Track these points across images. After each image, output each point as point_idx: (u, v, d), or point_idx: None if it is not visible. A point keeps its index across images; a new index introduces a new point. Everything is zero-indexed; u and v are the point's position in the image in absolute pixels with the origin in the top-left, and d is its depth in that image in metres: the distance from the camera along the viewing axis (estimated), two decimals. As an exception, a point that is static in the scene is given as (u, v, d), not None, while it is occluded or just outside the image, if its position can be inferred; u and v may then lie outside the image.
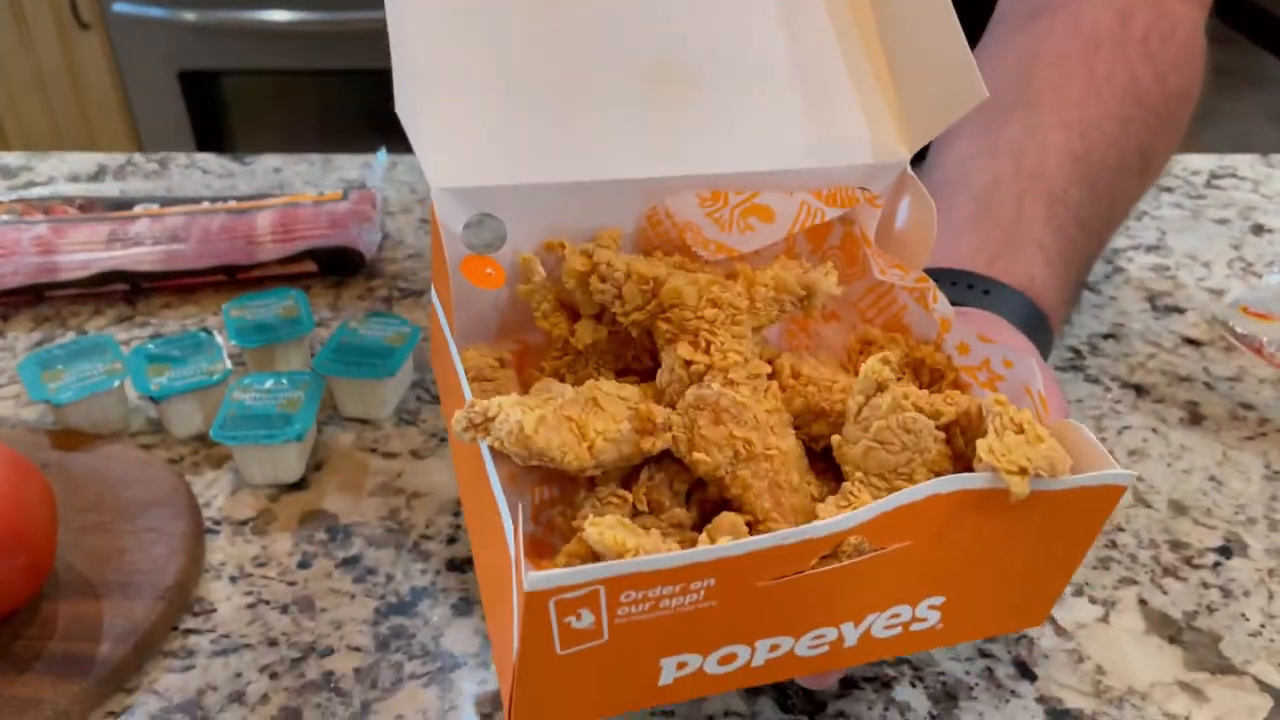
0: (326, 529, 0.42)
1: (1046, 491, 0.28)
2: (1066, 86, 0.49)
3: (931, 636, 0.31)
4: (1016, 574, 0.31)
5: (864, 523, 0.27)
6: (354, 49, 1.85)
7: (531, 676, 0.27)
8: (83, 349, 0.48)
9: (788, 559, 0.26)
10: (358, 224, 0.59)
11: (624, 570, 0.25)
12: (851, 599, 0.29)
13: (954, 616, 0.31)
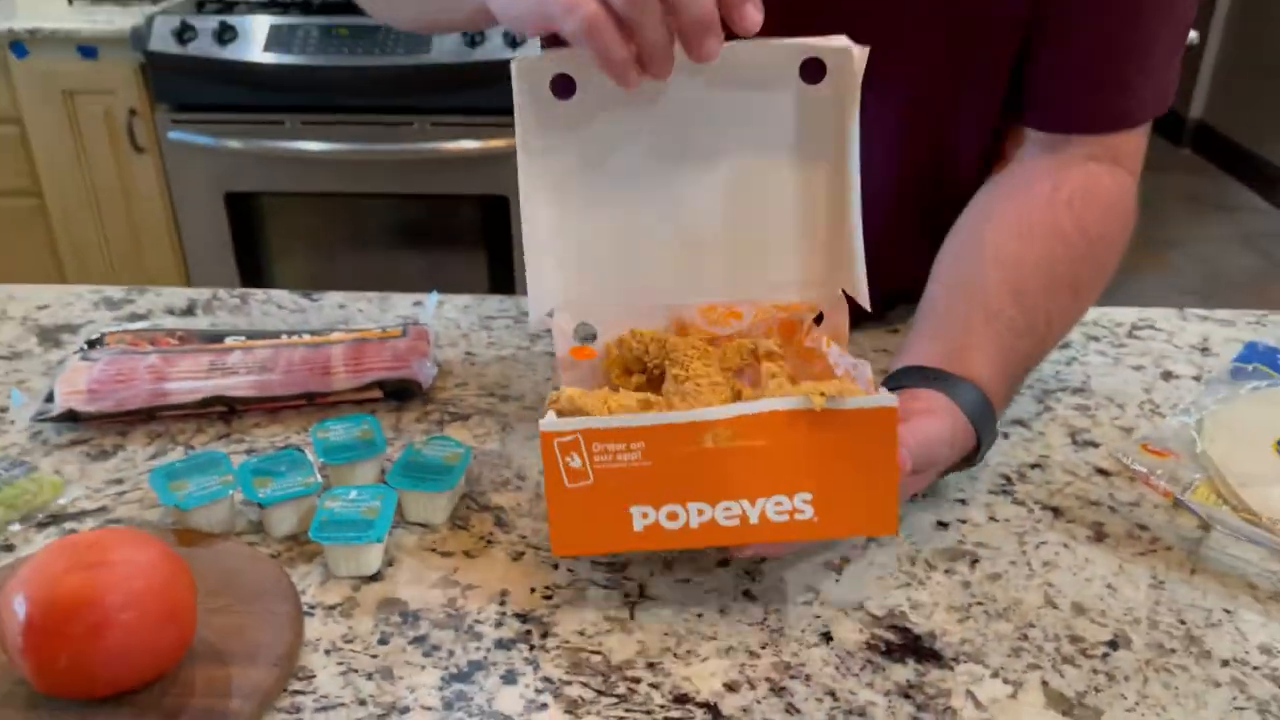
0: (400, 613, 0.52)
1: (839, 410, 0.48)
2: (1005, 235, 0.66)
3: (811, 527, 0.49)
4: (849, 480, 0.49)
5: (728, 418, 0.48)
6: (380, 176, 2.02)
7: (555, 506, 0.49)
8: (200, 463, 0.60)
9: (683, 433, 0.48)
10: (417, 359, 0.71)
11: (590, 425, 0.48)
12: (741, 478, 0.49)
13: (822, 512, 0.49)
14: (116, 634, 0.44)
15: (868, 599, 0.54)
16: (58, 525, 0.59)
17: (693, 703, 0.47)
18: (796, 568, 0.56)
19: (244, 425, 0.68)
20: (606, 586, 0.54)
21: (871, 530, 0.53)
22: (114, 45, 1.96)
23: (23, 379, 0.74)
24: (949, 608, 0.53)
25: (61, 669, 0.44)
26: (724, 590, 0.54)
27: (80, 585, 0.44)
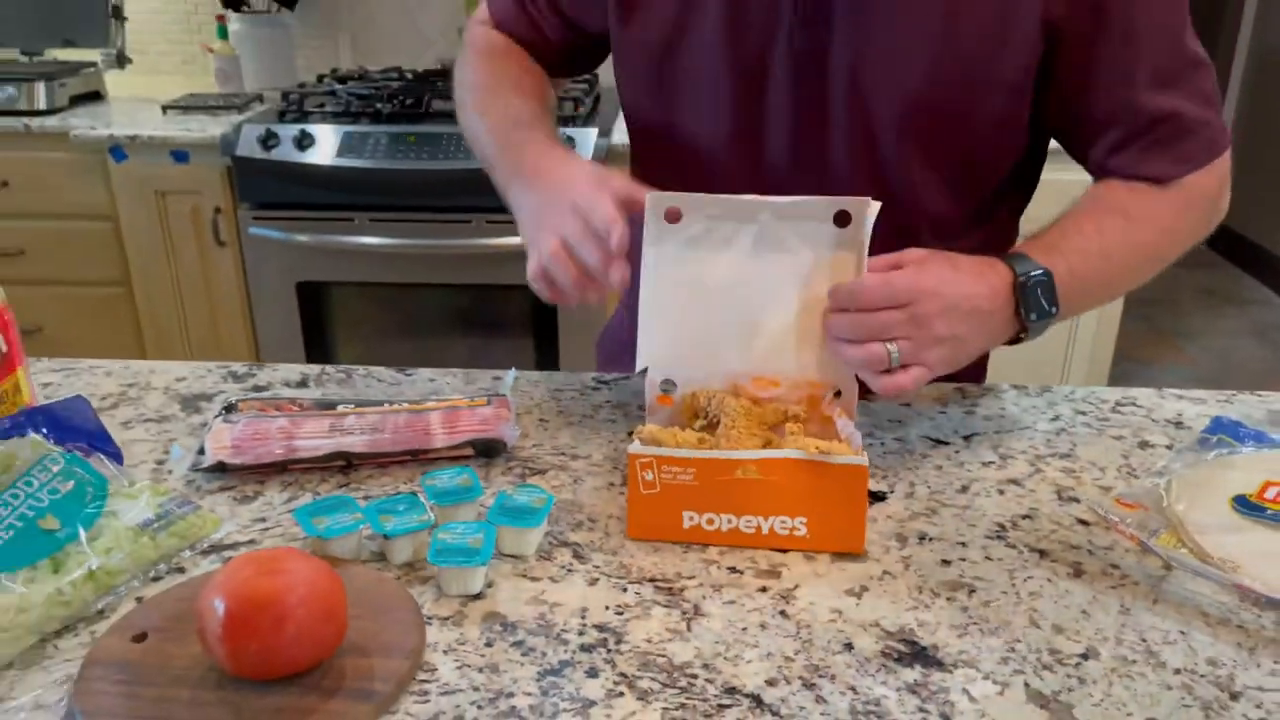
0: (500, 624, 0.65)
1: (828, 463, 0.69)
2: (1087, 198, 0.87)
3: (806, 541, 0.71)
4: (832, 511, 0.70)
5: (755, 459, 0.71)
6: (439, 267, 2.19)
7: (632, 504, 0.72)
8: (333, 504, 0.73)
9: (723, 466, 0.71)
10: (502, 423, 0.85)
11: (661, 453, 0.72)
12: (759, 502, 0.71)
13: (813, 531, 0.71)
14: (293, 626, 0.57)
15: (883, 618, 0.65)
16: (218, 553, 0.72)
17: (740, 693, 0.59)
18: (824, 594, 0.68)
19: (359, 476, 0.82)
20: (667, 606, 0.66)
21: (845, 548, 0.72)
22: (204, 150, 2.17)
23: (172, 438, 0.88)
24: (950, 626, 0.65)
25: (251, 654, 0.57)
26: (764, 610, 0.66)
27: (267, 587, 0.57)
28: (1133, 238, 0.85)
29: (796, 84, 0.87)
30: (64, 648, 0.62)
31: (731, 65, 0.88)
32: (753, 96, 0.88)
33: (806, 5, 0.84)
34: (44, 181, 2.26)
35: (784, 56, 0.86)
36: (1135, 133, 0.85)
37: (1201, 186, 0.87)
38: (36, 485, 0.67)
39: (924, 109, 0.84)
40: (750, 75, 0.88)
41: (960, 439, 0.88)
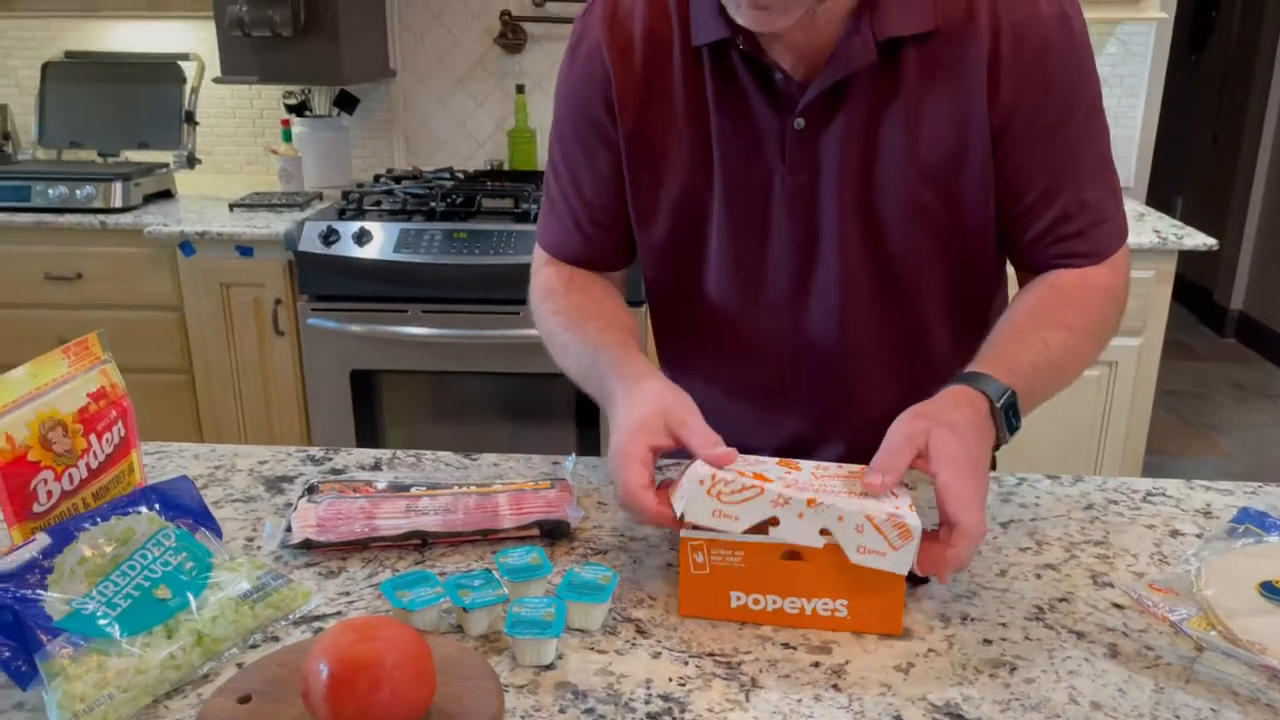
0: (571, 692, 0.70)
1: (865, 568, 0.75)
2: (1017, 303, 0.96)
3: (846, 622, 0.77)
4: (873, 595, 0.76)
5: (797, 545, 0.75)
6: (487, 356, 2.27)
7: (684, 583, 0.78)
8: (414, 579, 0.79)
9: (770, 550, 0.76)
10: (566, 505, 0.91)
11: (711, 537, 0.77)
12: (803, 585, 0.76)
13: (853, 614, 0.76)
14: (388, 687, 0.62)
15: (929, 693, 0.70)
16: (308, 624, 0.78)
17: (797, 760, 0.64)
18: (873, 669, 0.72)
19: (434, 554, 0.88)
20: (726, 679, 0.71)
21: (884, 629, 0.77)
22: (267, 245, 2.30)
23: (259, 516, 0.94)
24: (993, 701, 0.69)
25: (350, 713, 0.62)
26: (817, 684, 0.71)
27: (366, 651, 0.63)
28: (1074, 348, 0.93)
29: (792, 217, 0.97)
30: (174, 708, 0.68)
31: (734, 221, 0.99)
32: (753, 239, 0.99)
33: (794, 153, 0.94)
34: (117, 274, 2.39)
35: (780, 197, 0.96)
36: (1059, 220, 0.95)
37: (1113, 285, 0.97)
38: (151, 558, 0.74)
39: (913, 214, 0.95)
40: (751, 227, 0.99)
41: (998, 525, 0.92)
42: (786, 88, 0.92)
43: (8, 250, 2.42)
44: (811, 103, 0.91)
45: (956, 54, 0.89)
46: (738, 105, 0.94)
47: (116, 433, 0.80)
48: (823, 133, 0.93)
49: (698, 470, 0.78)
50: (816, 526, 0.75)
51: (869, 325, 1.00)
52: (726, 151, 0.96)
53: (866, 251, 0.97)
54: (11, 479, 0.71)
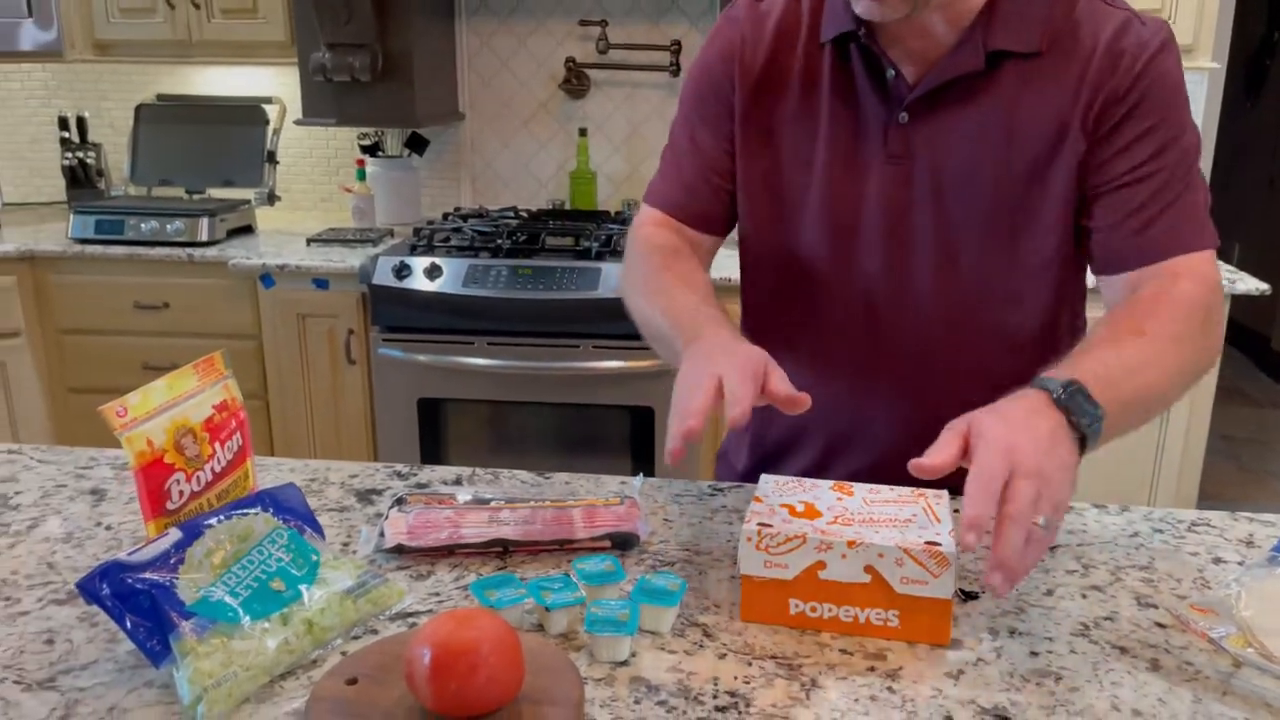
0: (645, 686, 0.76)
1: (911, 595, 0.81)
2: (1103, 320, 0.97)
3: (899, 631, 0.82)
4: (922, 613, 0.81)
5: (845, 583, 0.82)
6: (549, 387, 2.35)
7: (746, 592, 0.84)
8: (500, 581, 0.86)
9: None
10: (635, 520, 0.97)
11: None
12: (855, 595, 0.82)
13: (905, 625, 0.81)
14: (485, 672, 0.69)
15: (978, 697, 0.75)
16: (403, 619, 0.85)
17: (855, 751, 0.69)
18: (925, 675, 0.77)
19: (514, 561, 0.95)
20: (787, 679, 0.77)
21: (933, 640, 0.82)
22: (342, 278, 2.41)
23: (352, 524, 1.02)
24: (1039, 706, 0.74)
25: (450, 694, 0.69)
26: (873, 686, 0.76)
27: (466, 638, 0.70)
28: (1152, 353, 0.91)
29: (887, 203, 1.06)
30: (288, 688, 0.76)
31: (832, 190, 1.07)
32: (849, 214, 1.07)
33: (895, 143, 1.04)
34: (201, 304, 2.53)
35: (876, 185, 1.05)
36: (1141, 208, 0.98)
37: (1194, 295, 0.95)
38: (267, 554, 0.82)
39: (992, 217, 1.02)
40: (847, 199, 1.07)
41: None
42: (897, 86, 1.03)
43: (102, 280, 2.57)
44: (918, 100, 1.02)
45: (1058, 69, 0.99)
46: (849, 95, 1.05)
47: (235, 441, 0.89)
48: (924, 127, 1.02)
49: (745, 528, 0.84)
50: (860, 565, 0.82)
51: (945, 320, 1.07)
52: (832, 135, 1.06)
53: (948, 249, 1.05)
54: (150, 479, 0.80)
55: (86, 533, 1.00)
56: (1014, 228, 1.03)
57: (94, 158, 2.96)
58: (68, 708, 0.73)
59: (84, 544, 0.97)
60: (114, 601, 0.74)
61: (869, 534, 0.82)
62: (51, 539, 0.98)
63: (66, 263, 2.58)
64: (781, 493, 0.91)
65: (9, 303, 2.57)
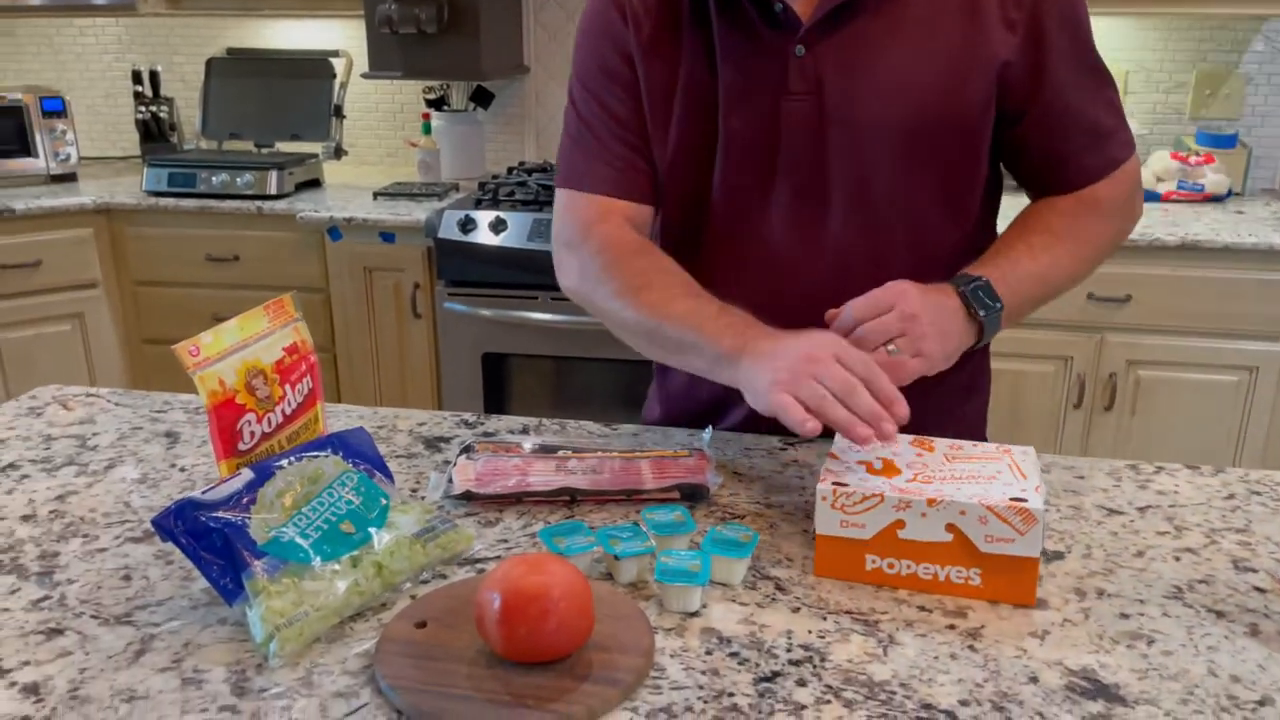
0: (716, 637, 0.74)
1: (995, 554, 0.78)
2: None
3: (980, 590, 0.79)
4: (1005, 572, 0.78)
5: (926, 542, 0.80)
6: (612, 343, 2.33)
7: (820, 547, 0.82)
8: (569, 528, 0.85)
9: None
10: (706, 472, 0.95)
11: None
12: (935, 552, 0.79)
13: (987, 583, 0.78)
14: (555, 617, 0.68)
15: (1065, 658, 0.72)
16: (471, 565, 0.84)
17: (935, 709, 0.67)
18: (1008, 634, 0.74)
19: (582, 510, 0.93)
20: (864, 634, 0.75)
21: (1017, 600, 0.79)
22: (408, 232, 2.42)
23: (420, 471, 1.02)
24: (1130, 670, 0.70)
25: (520, 638, 0.68)
26: (952, 644, 0.74)
27: (536, 583, 0.69)
28: (1058, 247, 1.03)
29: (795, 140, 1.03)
30: (358, 629, 0.75)
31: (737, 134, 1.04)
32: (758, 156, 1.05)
33: (804, 78, 1.01)
34: (270, 257, 2.56)
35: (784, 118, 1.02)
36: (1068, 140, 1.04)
37: (1111, 198, 1.06)
38: (337, 496, 0.81)
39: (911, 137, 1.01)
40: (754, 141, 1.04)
41: (1134, 510, 0.93)
42: (787, 18, 0.99)
43: (175, 233, 2.61)
44: (811, 29, 0.99)
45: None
46: (741, 41, 1.02)
47: (306, 384, 0.89)
48: (824, 56, 1.00)
49: (820, 488, 0.81)
50: (941, 523, 0.78)
51: (864, 250, 1.05)
52: (731, 77, 1.02)
53: (863, 177, 1.03)
54: (223, 418, 0.80)
55: (161, 474, 1.01)
56: (928, 157, 1.02)
57: (166, 112, 3.00)
58: (143, 642, 0.73)
59: (159, 485, 0.98)
60: (188, 539, 0.74)
61: (950, 491, 0.79)
62: (128, 479, 1.00)
63: (141, 215, 2.62)
64: (858, 449, 0.88)
65: (87, 254, 2.63)
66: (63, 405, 1.18)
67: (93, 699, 0.67)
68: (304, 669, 0.71)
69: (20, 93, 2.74)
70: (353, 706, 0.67)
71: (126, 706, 0.67)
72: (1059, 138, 1.04)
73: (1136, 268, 2.19)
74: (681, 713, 0.66)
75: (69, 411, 1.16)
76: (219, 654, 0.72)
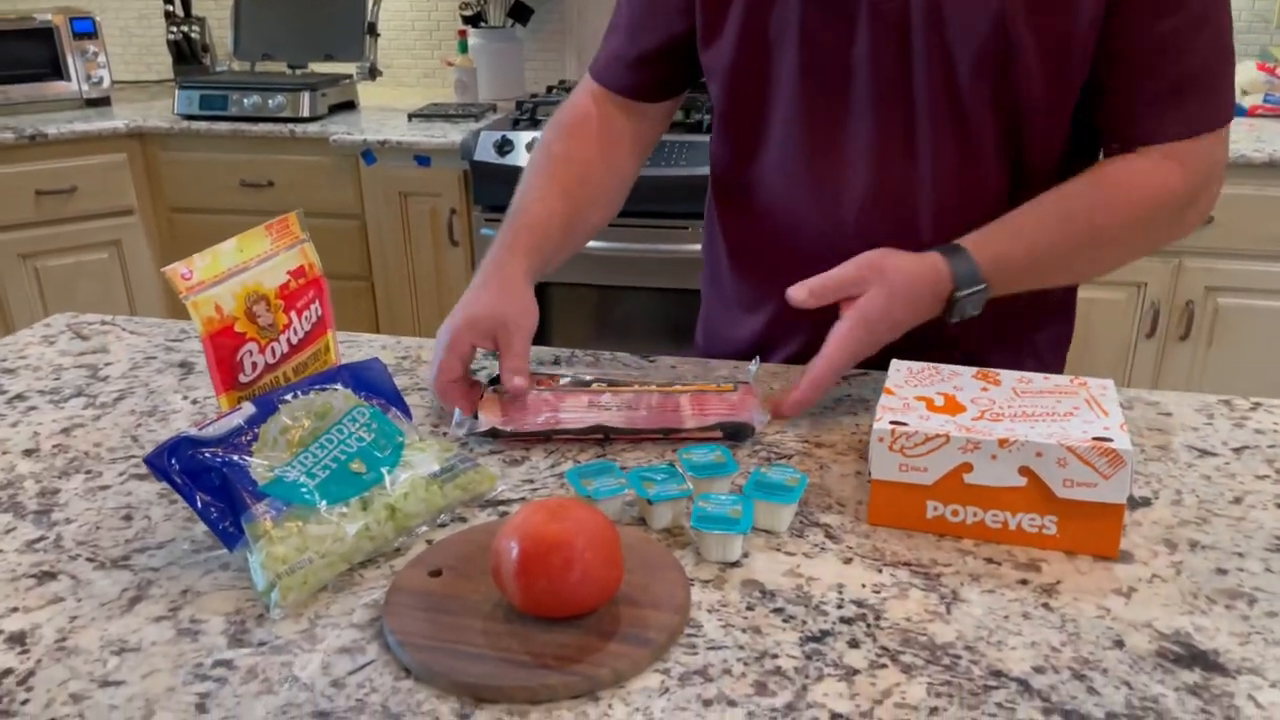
0: (759, 591, 0.67)
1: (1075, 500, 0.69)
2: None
3: (1056, 540, 0.71)
4: (1088, 516, 0.69)
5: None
6: (652, 272, 2.25)
7: (876, 492, 0.73)
8: (598, 469, 0.77)
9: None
10: (751, 409, 0.87)
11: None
12: (1006, 497, 0.70)
13: (1064, 533, 0.70)
14: (579, 567, 0.61)
15: (1155, 620, 0.63)
16: (494, 507, 0.78)
17: (1006, 677, 0.59)
18: (1088, 591, 0.66)
19: (614, 449, 0.86)
20: (924, 589, 0.67)
21: (1098, 551, 0.70)
22: (444, 155, 2.33)
23: (443, 407, 0.95)
24: (1230, 633, 0.62)
25: (540, 591, 0.61)
26: (1025, 601, 0.66)
27: (558, 531, 0.62)
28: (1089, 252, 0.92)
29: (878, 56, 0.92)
30: (369, 577, 0.69)
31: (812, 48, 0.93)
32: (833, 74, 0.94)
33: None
34: (304, 182, 2.49)
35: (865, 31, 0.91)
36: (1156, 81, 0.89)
37: (1174, 189, 0.90)
38: (347, 433, 0.75)
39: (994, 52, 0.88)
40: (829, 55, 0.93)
41: (1229, 451, 0.83)
42: None
43: (208, 157, 2.56)
44: None
45: None
46: None
47: (314, 311, 0.82)
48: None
49: (877, 428, 0.72)
50: (1014, 466, 0.70)
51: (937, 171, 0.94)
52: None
53: (956, 106, 0.91)
54: (220, 348, 0.73)
55: (172, 406, 0.95)
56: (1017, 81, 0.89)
57: (198, 32, 2.92)
58: (139, 588, 0.68)
59: (169, 418, 0.93)
60: (184, 479, 0.68)
61: (1024, 430, 0.70)
62: (137, 411, 0.95)
63: (174, 139, 2.57)
64: (917, 382, 0.80)
65: (122, 180, 2.58)
66: (77, 334, 1.13)
67: (81, 650, 0.62)
68: (307, 620, 0.65)
69: (50, 13, 2.67)
70: (357, 664, 0.61)
71: (116, 659, 0.61)
72: (1140, 72, 0.88)
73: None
74: (719, 676, 0.59)
75: (84, 340, 1.11)
76: (218, 602, 0.67)
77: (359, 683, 0.59)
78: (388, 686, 0.59)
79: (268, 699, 0.58)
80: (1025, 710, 0.56)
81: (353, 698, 0.58)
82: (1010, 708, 0.57)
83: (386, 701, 0.58)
